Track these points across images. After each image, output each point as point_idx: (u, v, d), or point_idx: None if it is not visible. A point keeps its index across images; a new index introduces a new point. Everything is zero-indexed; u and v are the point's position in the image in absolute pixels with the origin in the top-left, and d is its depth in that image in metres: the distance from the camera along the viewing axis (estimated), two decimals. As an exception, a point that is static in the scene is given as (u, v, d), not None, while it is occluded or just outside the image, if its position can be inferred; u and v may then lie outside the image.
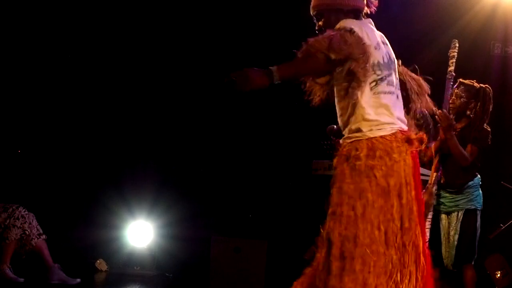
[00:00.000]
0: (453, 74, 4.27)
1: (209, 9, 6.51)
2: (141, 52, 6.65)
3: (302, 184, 6.42)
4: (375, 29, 2.84)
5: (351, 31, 2.59)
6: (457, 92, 4.35)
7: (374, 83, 2.70)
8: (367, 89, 2.68)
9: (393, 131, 2.71)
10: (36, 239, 5.21)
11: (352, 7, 2.81)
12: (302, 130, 6.34)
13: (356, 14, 2.83)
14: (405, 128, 2.78)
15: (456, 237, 4.25)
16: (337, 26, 2.68)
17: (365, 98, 2.68)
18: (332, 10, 2.81)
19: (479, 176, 4.38)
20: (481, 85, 4.37)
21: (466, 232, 4.25)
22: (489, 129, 4.32)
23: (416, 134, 2.77)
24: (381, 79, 2.72)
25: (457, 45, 4.31)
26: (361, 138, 2.67)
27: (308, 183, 6.05)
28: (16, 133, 6.07)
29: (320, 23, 2.85)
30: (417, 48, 5.93)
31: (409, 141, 2.72)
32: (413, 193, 2.67)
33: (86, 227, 6.28)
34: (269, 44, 6.18)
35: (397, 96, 2.81)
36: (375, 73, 2.70)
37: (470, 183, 4.31)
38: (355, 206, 2.58)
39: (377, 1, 2.91)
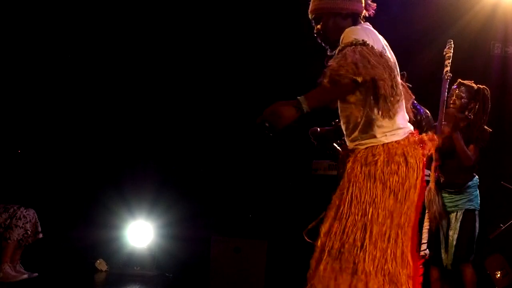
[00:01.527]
0: (450, 74, 4.25)
1: (208, 9, 6.50)
2: (141, 52, 6.65)
3: (302, 184, 6.41)
4: (376, 32, 2.77)
5: (365, 44, 2.49)
6: (457, 92, 4.34)
7: None
8: None
9: (405, 135, 2.66)
10: (33, 237, 5.26)
11: (351, 10, 2.77)
12: (302, 130, 6.33)
13: (355, 17, 2.78)
14: (413, 129, 2.73)
15: (456, 236, 4.26)
16: (347, 38, 2.56)
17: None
18: (330, 13, 2.76)
19: (477, 176, 4.40)
20: (479, 85, 4.37)
21: (466, 232, 4.26)
22: (490, 130, 4.33)
23: (427, 135, 2.71)
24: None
25: (452, 45, 4.29)
26: (376, 144, 2.62)
27: (308, 183, 6.04)
28: (16, 133, 6.07)
29: (319, 26, 2.80)
30: (417, 48, 5.92)
31: (422, 143, 2.67)
32: (416, 198, 2.63)
33: (86, 227, 6.28)
34: (267, 42, 6.19)
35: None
36: None
37: (470, 183, 4.33)
38: (367, 211, 2.53)
39: (375, 4, 2.85)
